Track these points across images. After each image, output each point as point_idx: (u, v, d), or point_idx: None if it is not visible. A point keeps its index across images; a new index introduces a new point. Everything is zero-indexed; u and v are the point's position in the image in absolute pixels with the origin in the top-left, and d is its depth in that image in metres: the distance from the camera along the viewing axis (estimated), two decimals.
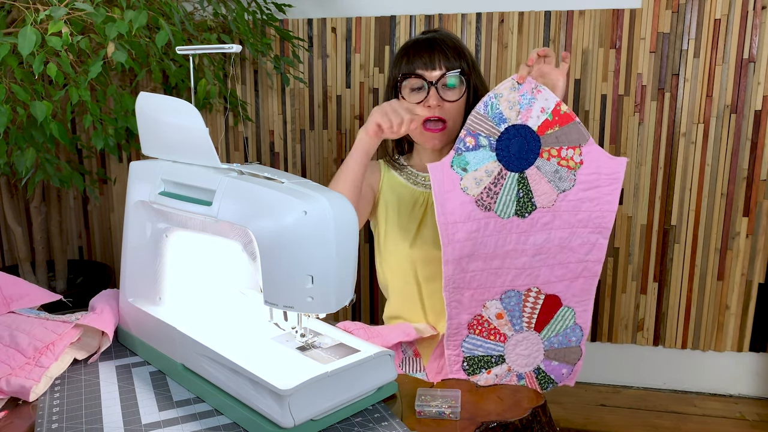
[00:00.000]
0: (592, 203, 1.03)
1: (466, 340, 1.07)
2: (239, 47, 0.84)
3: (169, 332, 0.86)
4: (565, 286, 1.06)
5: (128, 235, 0.95)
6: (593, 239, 1.04)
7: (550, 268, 1.05)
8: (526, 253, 1.04)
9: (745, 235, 1.97)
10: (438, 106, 1.15)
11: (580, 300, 1.07)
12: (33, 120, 1.49)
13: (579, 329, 1.08)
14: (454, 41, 1.19)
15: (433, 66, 1.15)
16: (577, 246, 1.04)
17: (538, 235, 1.03)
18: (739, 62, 1.87)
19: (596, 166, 1.02)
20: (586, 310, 1.08)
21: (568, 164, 1.02)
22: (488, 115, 1.01)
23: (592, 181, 1.02)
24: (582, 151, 1.02)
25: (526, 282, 1.05)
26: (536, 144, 1.02)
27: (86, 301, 1.05)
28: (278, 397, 0.70)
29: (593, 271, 1.06)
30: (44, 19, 1.27)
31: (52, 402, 0.80)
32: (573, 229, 1.03)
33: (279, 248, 0.71)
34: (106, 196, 2.37)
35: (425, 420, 0.77)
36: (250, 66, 2.15)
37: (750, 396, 2.10)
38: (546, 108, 1.01)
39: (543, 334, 1.08)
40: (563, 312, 1.07)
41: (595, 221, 1.03)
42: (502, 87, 1.02)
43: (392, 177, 1.27)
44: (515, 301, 1.06)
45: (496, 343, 1.08)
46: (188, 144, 0.84)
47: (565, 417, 1.97)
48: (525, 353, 1.08)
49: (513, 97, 1.01)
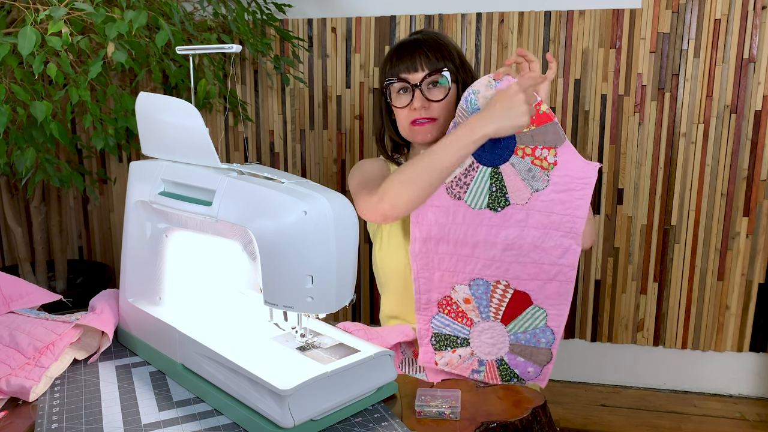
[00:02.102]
0: (564, 206, 1.03)
1: (435, 317, 1.11)
2: (239, 47, 0.84)
3: (169, 332, 0.86)
4: (537, 286, 1.06)
5: (128, 235, 0.95)
6: (566, 243, 1.03)
7: (522, 266, 1.05)
8: (496, 246, 1.05)
9: (745, 235, 1.97)
10: (424, 108, 1.16)
11: (555, 303, 1.06)
12: (33, 120, 1.49)
13: (550, 332, 1.07)
14: (438, 41, 1.19)
15: (415, 68, 1.16)
16: (550, 248, 1.04)
17: (510, 231, 1.04)
18: (739, 62, 1.87)
19: (570, 168, 1.02)
20: (560, 314, 1.06)
21: (541, 164, 1.03)
22: (468, 109, 1.05)
23: (564, 183, 1.02)
24: (557, 152, 1.02)
25: (495, 274, 1.06)
26: (511, 141, 1.03)
27: (86, 301, 1.05)
28: (278, 398, 0.70)
29: (568, 276, 1.05)
30: (44, 19, 1.27)
31: (52, 402, 0.80)
32: (546, 230, 1.04)
33: (279, 248, 0.71)
34: (106, 196, 2.37)
35: (425, 420, 0.77)
36: (250, 66, 2.15)
37: (750, 396, 2.10)
38: None
39: (509, 328, 1.08)
40: (533, 310, 1.07)
41: (566, 225, 1.03)
42: (479, 83, 1.05)
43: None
44: (483, 290, 1.07)
45: (463, 326, 1.10)
46: (188, 144, 0.84)
47: (565, 417, 1.97)
48: (490, 342, 1.09)
49: (489, 94, 1.04)
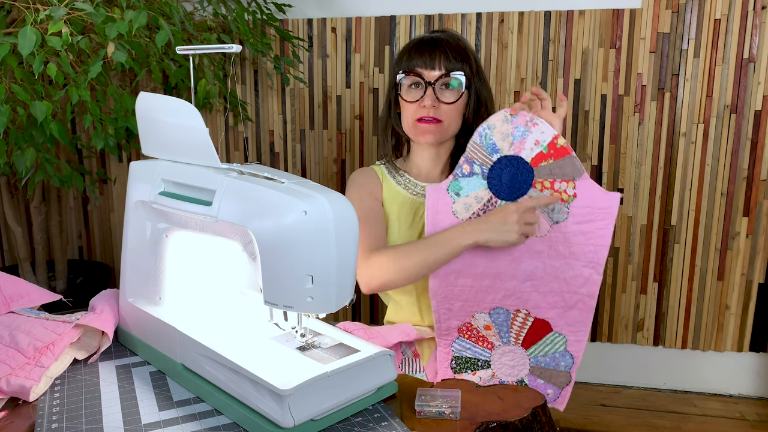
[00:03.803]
0: (585, 237, 1.03)
1: (456, 341, 1.12)
2: (239, 47, 0.84)
3: (169, 332, 0.86)
4: (557, 314, 1.07)
5: (128, 235, 0.95)
6: (586, 273, 1.05)
7: (542, 295, 1.07)
8: (516, 278, 1.06)
9: (745, 235, 1.97)
10: (433, 107, 1.14)
11: (575, 330, 1.08)
12: (33, 120, 1.49)
13: (570, 356, 1.09)
14: (459, 43, 1.17)
15: (432, 65, 1.14)
16: (570, 278, 1.05)
17: (530, 262, 1.05)
18: (739, 62, 1.87)
19: (590, 199, 1.03)
20: (579, 341, 1.09)
21: (561, 197, 1.03)
22: (483, 144, 1.05)
23: (585, 214, 1.03)
24: (576, 185, 1.03)
25: (516, 303, 1.08)
26: (529, 175, 1.04)
27: (86, 301, 1.05)
28: (278, 397, 0.70)
29: (588, 305, 1.06)
30: (44, 19, 1.27)
31: (52, 402, 0.80)
32: (566, 261, 1.05)
33: (279, 248, 0.71)
34: (106, 196, 2.37)
35: (425, 420, 0.77)
36: (250, 66, 2.15)
37: (750, 396, 2.10)
38: (541, 141, 1.03)
39: (529, 352, 1.10)
40: (553, 336, 1.09)
41: (587, 255, 1.04)
42: (495, 118, 1.05)
43: (390, 186, 1.24)
44: (503, 318, 1.09)
45: (484, 349, 1.11)
46: (188, 144, 0.84)
47: (565, 417, 1.97)
48: (510, 363, 1.11)
49: (506, 129, 1.04)
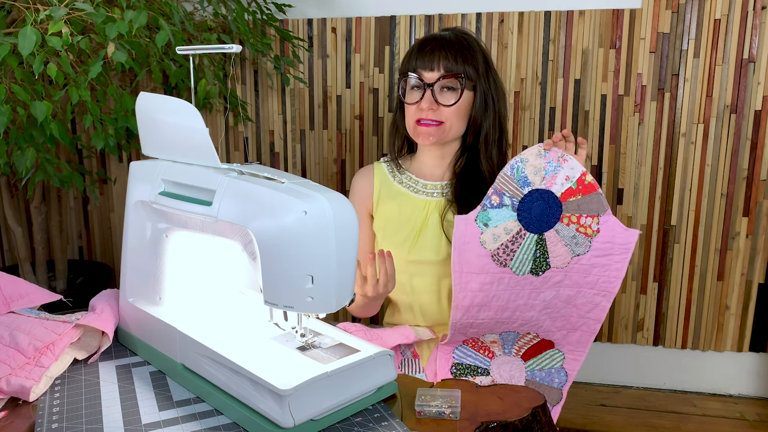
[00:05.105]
0: (603, 269, 1.08)
1: (458, 348, 1.16)
2: (239, 47, 0.84)
3: (169, 332, 0.86)
4: (562, 336, 1.14)
5: (128, 235, 0.95)
6: (597, 300, 1.10)
7: (553, 320, 1.12)
8: (535, 308, 1.10)
9: (745, 235, 1.97)
10: (431, 109, 1.12)
11: (574, 350, 1.15)
12: (33, 120, 1.49)
13: (564, 374, 1.15)
14: (464, 42, 1.14)
15: (431, 67, 1.12)
16: (580, 304, 1.10)
17: (548, 292, 1.09)
18: (739, 62, 1.87)
19: (611, 235, 1.07)
20: (576, 360, 1.15)
21: (585, 231, 1.07)
22: (514, 177, 1.06)
23: (605, 249, 1.07)
24: (600, 221, 1.07)
25: (528, 329, 1.14)
26: (558, 209, 1.06)
27: (86, 301, 1.05)
28: (278, 397, 0.70)
29: (592, 328, 1.12)
30: (44, 19, 1.27)
31: (52, 402, 0.80)
32: (580, 289, 1.09)
33: (279, 248, 0.71)
34: (106, 196, 2.37)
35: (425, 420, 0.77)
36: (250, 66, 2.15)
37: (750, 396, 2.10)
38: (571, 177, 1.06)
39: (528, 364, 1.16)
40: (552, 352, 1.16)
41: (601, 285, 1.09)
42: (528, 153, 1.07)
43: (391, 186, 1.24)
44: (512, 337, 1.15)
45: (485, 358, 1.16)
46: (188, 144, 0.84)
47: (565, 417, 1.97)
48: (508, 374, 1.15)
49: (539, 164, 1.06)
